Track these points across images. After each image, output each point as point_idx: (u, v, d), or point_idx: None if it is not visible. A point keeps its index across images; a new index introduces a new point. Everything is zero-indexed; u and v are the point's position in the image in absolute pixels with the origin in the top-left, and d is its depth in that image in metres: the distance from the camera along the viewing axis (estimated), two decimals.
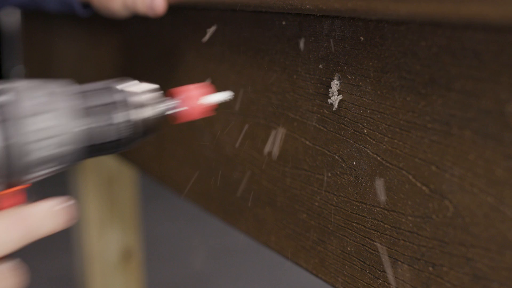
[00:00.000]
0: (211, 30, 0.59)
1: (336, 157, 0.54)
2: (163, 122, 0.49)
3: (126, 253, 1.41)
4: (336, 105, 0.53)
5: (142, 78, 0.89)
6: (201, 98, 0.51)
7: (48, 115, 0.43)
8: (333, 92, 0.53)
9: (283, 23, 0.58)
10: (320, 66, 0.54)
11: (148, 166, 0.90)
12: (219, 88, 0.62)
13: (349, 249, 0.54)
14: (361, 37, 0.49)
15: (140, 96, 0.47)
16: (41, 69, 1.28)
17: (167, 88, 0.82)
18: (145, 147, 0.89)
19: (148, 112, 0.47)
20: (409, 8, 0.42)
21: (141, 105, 0.47)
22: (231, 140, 0.69)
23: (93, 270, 1.45)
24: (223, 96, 0.52)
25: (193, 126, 0.76)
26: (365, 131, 0.50)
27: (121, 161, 1.46)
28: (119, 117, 0.46)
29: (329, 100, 0.54)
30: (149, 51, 0.84)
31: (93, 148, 0.45)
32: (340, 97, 0.53)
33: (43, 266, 2.30)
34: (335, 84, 0.53)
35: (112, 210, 1.46)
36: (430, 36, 0.44)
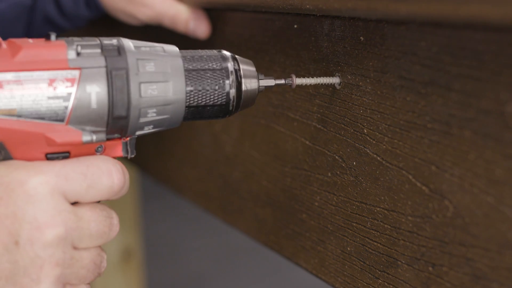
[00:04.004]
0: None
1: (336, 157, 0.54)
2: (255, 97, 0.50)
3: (126, 253, 1.41)
4: (336, 105, 0.53)
5: None
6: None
7: (163, 84, 0.46)
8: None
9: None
10: (320, 66, 0.54)
11: (148, 166, 0.90)
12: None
13: (349, 249, 0.54)
14: (361, 37, 0.49)
15: (249, 68, 0.49)
16: None
17: None
18: (145, 147, 0.89)
19: (253, 84, 0.49)
20: (409, 8, 0.42)
21: (249, 76, 0.49)
22: (231, 140, 0.69)
23: None
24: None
25: (193, 126, 0.76)
26: (365, 131, 0.50)
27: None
28: (229, 83, 0.48)
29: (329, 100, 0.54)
30: None
31: (198, 109, 0.48)
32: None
33: None
34: (335, 84, 0.53)
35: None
36: (430, 36, 0.44)
